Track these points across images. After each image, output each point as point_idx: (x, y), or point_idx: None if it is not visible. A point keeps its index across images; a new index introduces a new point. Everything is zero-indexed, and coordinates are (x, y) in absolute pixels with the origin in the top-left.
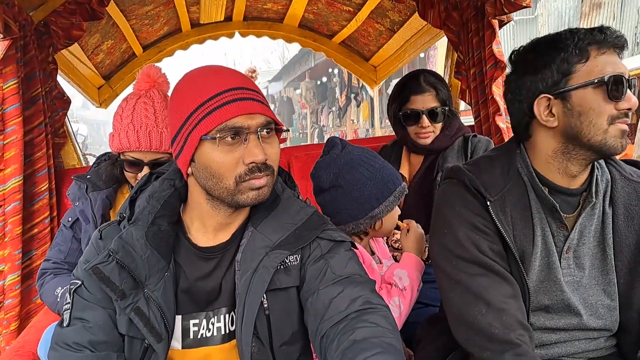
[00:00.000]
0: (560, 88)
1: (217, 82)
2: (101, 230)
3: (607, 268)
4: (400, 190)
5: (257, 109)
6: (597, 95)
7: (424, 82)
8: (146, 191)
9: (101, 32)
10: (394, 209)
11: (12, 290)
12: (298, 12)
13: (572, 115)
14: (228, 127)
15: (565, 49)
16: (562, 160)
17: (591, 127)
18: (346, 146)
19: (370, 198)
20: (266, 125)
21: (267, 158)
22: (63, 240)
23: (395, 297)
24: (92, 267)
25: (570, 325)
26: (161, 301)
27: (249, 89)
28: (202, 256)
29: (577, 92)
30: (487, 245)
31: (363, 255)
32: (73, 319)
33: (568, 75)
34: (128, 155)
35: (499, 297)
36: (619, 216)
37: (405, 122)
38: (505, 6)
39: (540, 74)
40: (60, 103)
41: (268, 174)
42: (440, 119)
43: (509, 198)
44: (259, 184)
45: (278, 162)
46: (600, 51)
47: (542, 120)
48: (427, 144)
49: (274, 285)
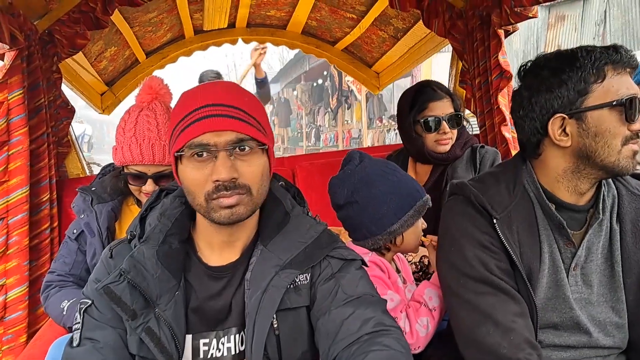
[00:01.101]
0: (576, 108)
1: (196, 99)
2: (112, 249)
3: (615, 285)
4: (422, 204)
5: (226, 125)
6: (612, 117)
7: (439, 89)
8: (156, 209)
9: (104, 39)
10: (415, 224)
11: (21, 302)
12: (301, 19)
13: (588, 135)
14: (194, 144)
15: (583, 67)
16: (572, 179)
17: (606, 148)
18: (363, 160)
19: (387, 213)
20: (237, 143)
21: (239, 177)
22: (68, 253)
23: (424, 318)
24: (104, 286)
25: (579, 343)
26: (172, 321)
27: (226, 104)
28: (212, 275)
29: (594, 112)
30: (495, 264)
31: (389, 272)
32: (83, 339)
33: (585, 95)
34: (132, 169)
35: (507, 316)
36: (626, 232)
37: (426, 130)
38: (511, 16)
39: (556, 92)
40: (64, 112)
41: (240, 193)
42: (458, 125)
43: (515, 215)
44: (227, 203)
45: (259, 180)
46: (615, 71)
47: (555, 140)
48: (447, 150)
49: (284, 305)
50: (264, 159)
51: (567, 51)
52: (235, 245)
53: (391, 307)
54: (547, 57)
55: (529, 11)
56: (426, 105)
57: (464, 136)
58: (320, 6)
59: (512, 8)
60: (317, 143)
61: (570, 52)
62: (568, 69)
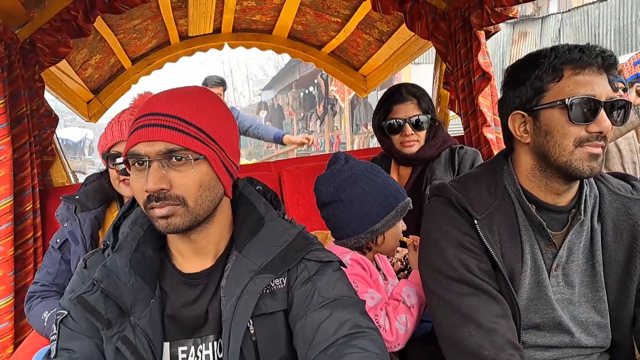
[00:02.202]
0: (532, 105)
1: (143, 108)
2: (86, 260)
3: (596, 285)
4: (403, 205)
5: (156, 135)
6: (562, 117)
7: (406, 92)
8: (129, 217)
9: (89, 47)
10: (396, 225)
11: (7, 312)
12: (287, 23)
13: (540, 133)
14: (130, 154)
15: (541, 66)
16: (541, 178)
17: (557, 148)
18: (349, 161)
19: (370, 213)
20: (168, 153)
21: (171, 187)
22: (51, 262)
23: (402, 315)
24: (77, 296)
25: (562, 343)
26: (147, 329)
27: (162, 114)
28: (187, 282)
29: (545, 111)
30: (476, 265)
31: (371, 271)
32: (60, 349)
33: (540, 94)
34: (113, 151)
35: (488, 317)
36: (607, 232)
37: (389, 132)
38: (492, 17)
39: (518, 90)
40: (47, 121)
41: (172, 204)
42: (423, 127)
43: (496, 216)
44: (159, 214)
45: (194, 191)
46: (574, 71)
47: (516, 136)
48: (413, 152)
49: (260, 310)
50: (202, 170)
51: (536, 51)
52: (208, 252)
53: (372, 304)
54: (524, 57)
55: (509, 11)
56: (391, 108)
57: (439, 137)
58: (305, 10)
59: (492, 8)
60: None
61: (537, 52)
62: (528, 67)
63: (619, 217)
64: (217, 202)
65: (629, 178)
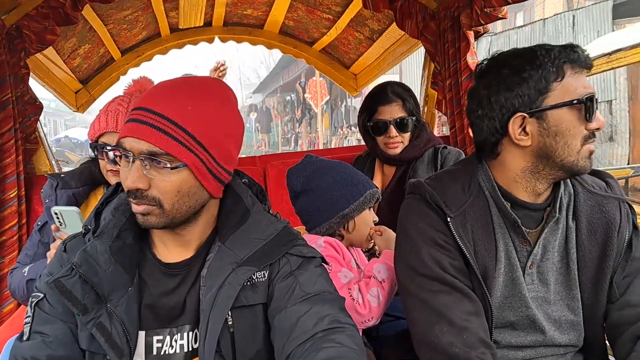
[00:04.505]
0: (537, 106)
1: (143, 98)
2: (65, 243)
3: (570, 283)
4: (371, 193)
5: (143, 134)
6: (572, 116)
7: (391, 93)
8: (112, 203)
9: (78, 36)
10: (365, 212)
11: None
12: (278, 18)
13: (548, 135)
14: (119, 145)
15: (543, 66)
16: (530, 180)
17: (566, 148)
18: (318, 158)
19: (340, 198)
20: (149, 155)
21: (149, 188)
22: (31, 245)
23: (374, 288)
24: (54, 280)
25: (536, 342)
26: (124, 317)
27: (154, 112)
28: (167, 272)
29: (554, 111)
30: (449, 262)
31: (343, 253)
32: (33, 332)
33: (545, 94)
34: (100, 142)
35: (460, 315)
36: (582, 230)
37: (373, 133)
38: (481, 17)
39: (517, 90)
40: (32, 108)
41: (149, 204)
42: (407, 128)
43: (470, 213)
44: (136, 210)
45: (171, 196)
46: (573, 70)
47: (515, 139)
48: (396, 154)
49: (240, 302)
50: (181, 177)
51: (526, 49)
52: (190, 242)
53: (345, 282)
54: (506, 56)
55: (498, 12)
56: (376, 109)
57: (423, 137)
58: (297, 6)
59: (482, 9)
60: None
61: (529, 50)
62: (529, 67)
63: (593, 215)
64: (199, 207)
65: (604, 176)
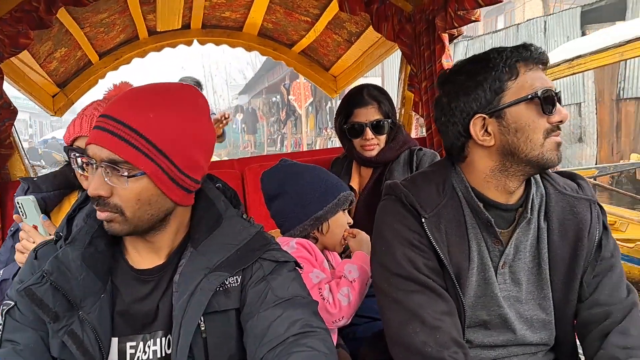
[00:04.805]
0: (494, 106)
1: (109, 106)
2: (36, 250)
3: (542, 283)
4: (345, 196)
5: (104, 142)
6: (530, 111)
7: (367, 95)
8: (84, 210)
9: (53, 39)
10: (339, 214)
11: None
12: (257, 20)
13: (509, 132)
14: (86, 152)
15: (495, 67)
16: (500, 178)
17: (528, 143)
18: (292, 161)
19: (313, 200)
20: (109, 163)
21: (110, 195)
22: (4, 250)
23: (344, 288)
24: (25, 288)
25: (508, 341)
26: (96, 324)
27: (116, 119)
28: (139, 278)
29: (511, 109)
30: (423, 262)
31: (316, 254)
32: (4, 340)
33: (501, 93)
34: (75, 145)
35: (433, 315)
36: (553, 231)
37: (350, 135)
38: (455, 20)
39: (473, 94)
40: (6, 113)
41: (109, 211)
42: (383, 131)
43: (444, 214)
44: (99, 216)
45: (132, 204)
46: (527, 67)
47: (478, 140)
48: (373, 156)
49: (212, 308)
50: (141, 185)
51: (481, 55)
52: (161, 249)
53: (316, 282)
54: (462, 63)
55: (471, 14)
56: (352, 112)
57: (399, 139)
58: (275, 8)
59: (456, 12)
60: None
61: (483, 55)
62: (483, 70)
63: (564, 216)
64: (163, 215)
65: (575, 177)
